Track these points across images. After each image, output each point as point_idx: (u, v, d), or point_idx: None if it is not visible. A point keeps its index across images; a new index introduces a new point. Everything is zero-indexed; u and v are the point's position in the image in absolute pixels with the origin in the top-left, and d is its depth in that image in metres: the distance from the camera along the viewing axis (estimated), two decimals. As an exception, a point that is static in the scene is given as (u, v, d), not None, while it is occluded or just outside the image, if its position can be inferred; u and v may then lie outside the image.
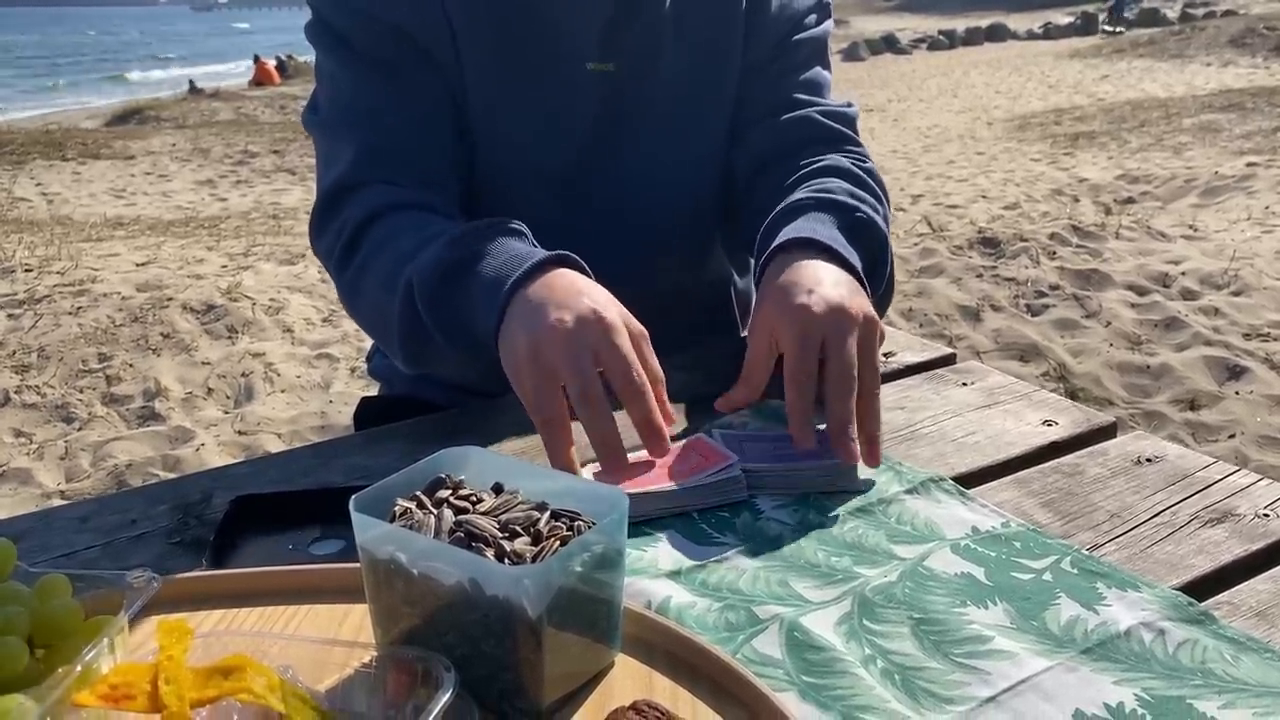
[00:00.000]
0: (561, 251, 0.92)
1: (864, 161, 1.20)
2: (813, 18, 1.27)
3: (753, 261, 1.02)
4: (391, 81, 1.12)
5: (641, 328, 0.87)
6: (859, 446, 0.86)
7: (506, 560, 0.59)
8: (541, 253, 0.92)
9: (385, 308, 1.00)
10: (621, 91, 1.19)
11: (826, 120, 1.23)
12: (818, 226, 1.02)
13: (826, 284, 0.92)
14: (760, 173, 1.22)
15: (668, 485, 0.83)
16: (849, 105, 1.27)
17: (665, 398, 0.86)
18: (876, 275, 1.06)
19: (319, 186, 1.14)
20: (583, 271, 0.92)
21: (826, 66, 1.30)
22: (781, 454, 0.89)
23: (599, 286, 0.89)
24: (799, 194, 1.10)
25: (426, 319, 0.96)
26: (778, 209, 1.08)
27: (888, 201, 1.18)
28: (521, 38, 1.14)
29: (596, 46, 1.16)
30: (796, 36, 1.25)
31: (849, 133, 1.24)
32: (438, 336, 0.96)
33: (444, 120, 1.14)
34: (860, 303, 0.92)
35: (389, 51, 1.12)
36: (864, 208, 1.07)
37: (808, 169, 1.17)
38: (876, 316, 0.92)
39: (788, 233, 1.01)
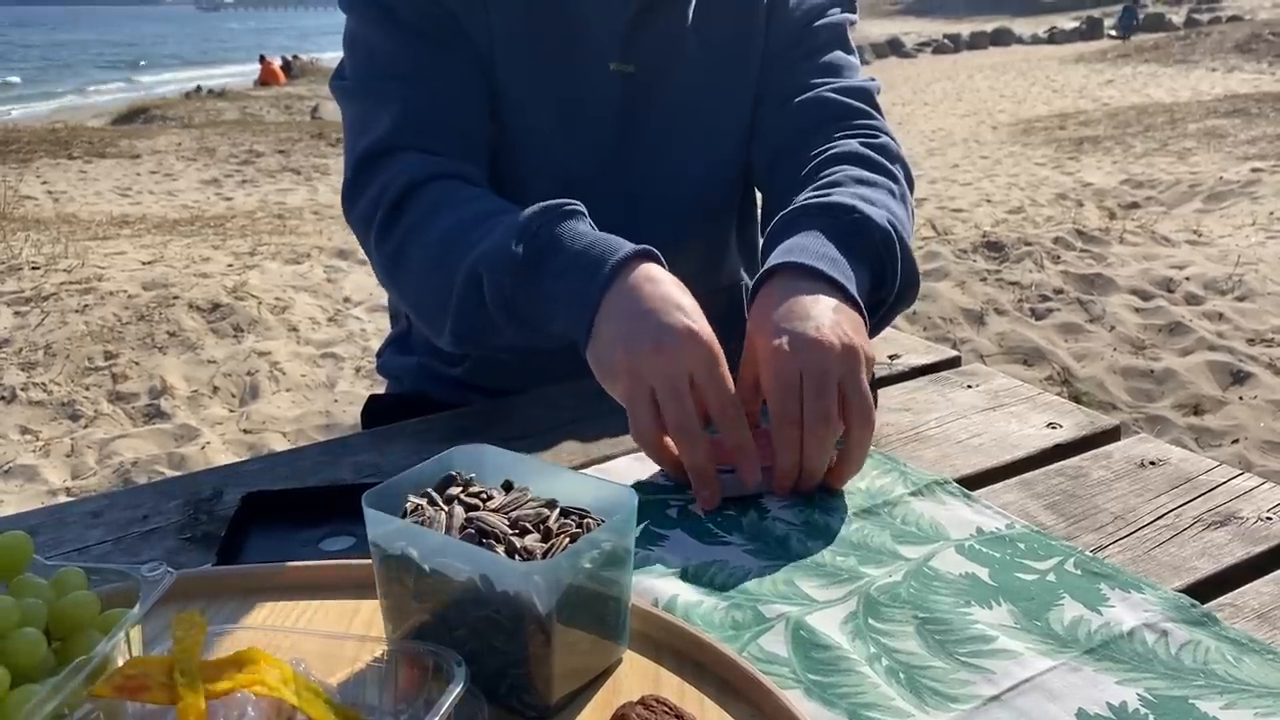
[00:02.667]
0: (643, 246, 0.92)
1: (876, 138, 1.16)
2: (836, 8, 1.27)
3: (751, 290, 1.00)
4: (432, 51, 1.12)
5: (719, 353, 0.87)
6: (815, 485, 0.87)
7: (517, 557, 0.60)
8: (624, 247, 0.92)
9: (438, 287, 0.99)
10: (641, 93, 1.19)
11: (840, 97, 1.20)
12: (808, 243, 0.98)
13: (809, 318, 0.89)
14: (777, 163, 1.21)
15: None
16: (870, 80, 1.24)
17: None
18: (888, 273, 1.02)
19: (350, 152, 1.12)
20: (660, 264, 0.92)
21: (849, 52, 1.27)
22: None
23: (684, 290, 0.89)
24: (803, 196, 1.08)
25: (496, 311, 0.95)
26: (775, 220, 1.06)
27: (904, 177, 1.14)
28: (551, 33, 1.15)
29: (619, 47, 1.16)
30: (816, 24, 1.25)
31: (864, 107, 1.20)
32: (506, 326, 0.96)
33: (479, 96, 1.14)
34: (839, 334, 0.87)
35: (430, 24, 1.12)
36: (862, 205, 1.02)
37: (818, 159, 1.14)
38: (859, 343, 0.88)
39: (776, 256, 0.98)
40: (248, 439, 3.43)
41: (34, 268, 5.08)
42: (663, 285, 0.89)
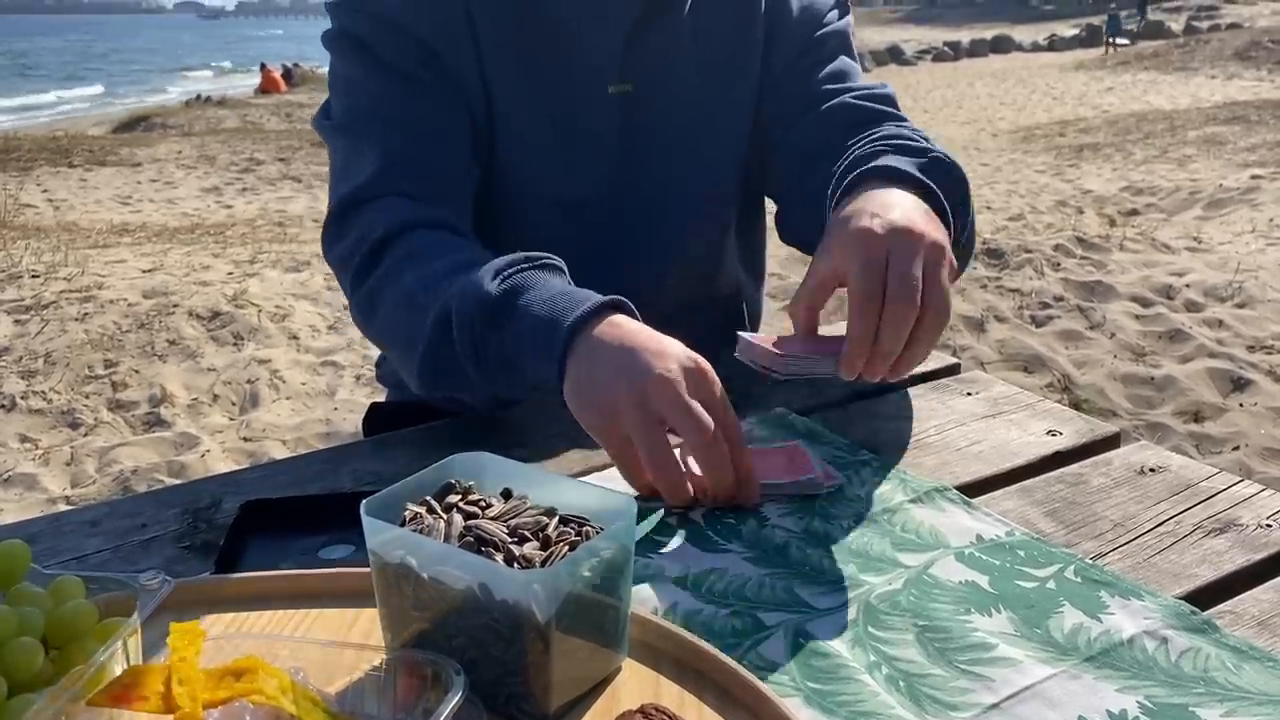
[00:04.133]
0: (614, 296, 0.90)
1: (915, 130, 1.16)
2: (834, 13, 1.27)
3: (829, 204, 0.97)
4: (414, 93, 1.11)
5: (705, 363, 0.85)
6: (886, 368, 0.84)
7: (516, 565, 0.60)
8: (596, 297, 0.89)
9: (409, 329, 0.98)
10: (640, 112, 1.19)
11: (864, 102, 1.20)
12: (893, 160, 0.98)
13: (895, 209, 0.88)
14: (808, 166, 1.19)
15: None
16: (883, 85, 1.25)
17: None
18: (960, 215, 1.01)
19: (334, 193, 1.12)
20: (634, 316, 0.90)
21: (853, 56, 1.28)
22: (777, 469, 0.90)
23: (653, 334, 0.87)
24: (865, 147, 1.06)
25: (463, 353, 0.93)
26: (845, 160, 1.04)
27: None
28: (546, 62, 1.15)
29: (616, 67, 1.16)
30: (820, 33, 1.25)
31: (890, 110, 1.21)
32: (470, 370, 0.94)
33: (463, 138, 1.14)
34: (929, 227, 0.87)
35: (413, 64, 1.11)
36: (937, 149, 1.03)
37: (856, 146, 1.12)
38: (946, 243, 0.87)
39: (862, 168, 0.97)
40: (248, 447, 3.43)
41: (34, 276, 5.09)
42: (629, 329, 0.86)
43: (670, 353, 0.83)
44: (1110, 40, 26.42)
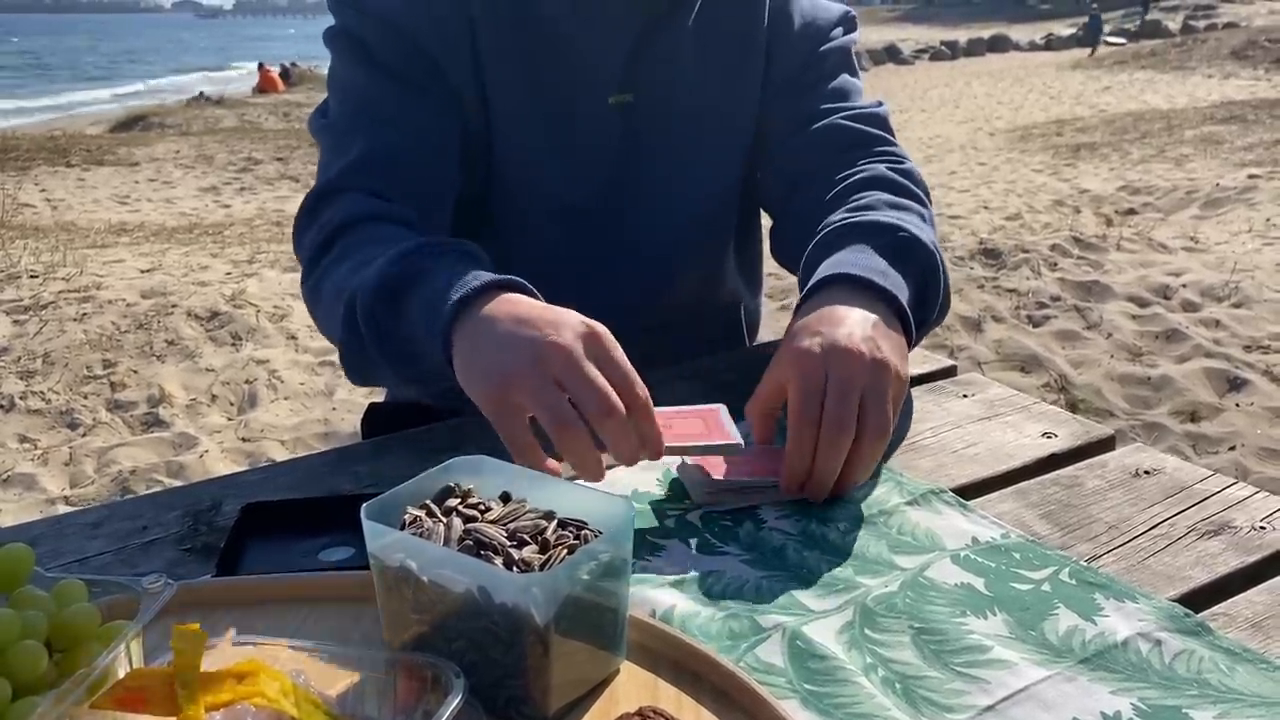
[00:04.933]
0: (509, 276, 0.89)
1: (901, 163, 1.17)
2: (839, 30, 1.27)
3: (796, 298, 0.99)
4: (406, 96, 1.12)
5: (602, 328, 0.82)
6: (824, 491, 0.86)
7: (515, 568, 0.61)
8: (486, 276, 0.88)
9: (336, 319, 0.98)
10: (640, 123, 1.19)
11: (855, 124, 1.20)
12: (856, 258, 0.98)
13: (841, 326, 0.88)
14: (796, 188, 1.20)
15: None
16: (878, 105, 1.25)
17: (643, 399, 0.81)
18: (930, 293, 1.02)
19: (311, 189, 1.13)
20: (531, 295, 0.88)
21: (854, 74, 1.28)
22: (692, 432, 0.89)
23: (547, 306, 0.85)
24: (838, 216, 1.07)
25: (367, 337, 0.93)
26: (817, 238, 1.05)
27: (930, 201, 1.15)
28: (547, 73, 1.15)
29: (618, 78, 1.16)
30: (822, 48, 1.25)
31: (880, 133, 1.21)
32: (375, 355, 0.93)
33: (450, 145, 1.14)
34: (873, 347, 0.87)
35: (409, 67, 1.12)
36: (907, 225, 1.02)
37: (845, 182, 1.13)
38: (893, 361, 0.87)
39: (824, 269, 0.97)
40: (246, 447, 3.44)
41: (32, 276, 5.09)
42: (520, 303, 0.85)
43: (564, 321, 0.81)
44: (1095, 43, 25.91)
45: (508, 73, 1.14)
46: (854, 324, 0.89)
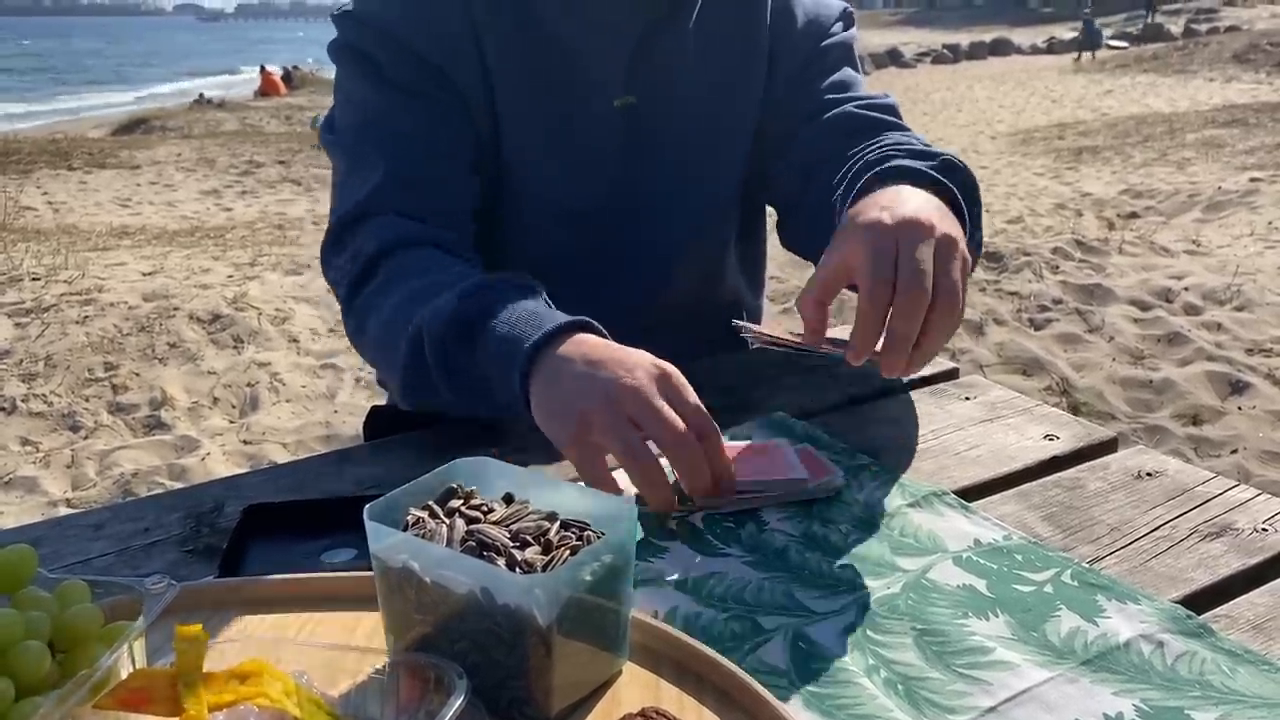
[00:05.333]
0: (581, 317, 0.90)
1: (922, 138, 1.16)
2: (839, 25, 1.28)
3: (842, 206, 0.96)
4: (417, 108, 1.11)
5: (672, 368, 0.84)
6: (903, 357, 0.82)
7: (518, 569, 0.61)
8: (561, 317, 0.89)
9: (391, 348, 0.99)
10: (643, 124, 1.19)
11: (867, 111, 1.20)
12: (906, 161, 0.98)
13: (906, 204, 0.87)
14: (810, 178, 1.19)
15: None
16: (885, 95, 1.25)
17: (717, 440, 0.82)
18: (974, 208, 1.01)
19: (334, 210, 1.12)
20: (600, 335, 0.89)
21: (856, 68, 1.28)
22: (759, 468, 0.90)
23: (619, 346, 0.86)
24: (874, 152, 1.06)
25: (435, 373, 0.94)
26: (855, 166, 1.03)
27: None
28: (552, 76, 1.15)
29: (621, 81, 1.16)
30: (824, 44, 1.26)
31: (892, 119, 1.20)
32: (444, 390, 0.95)
33: (465, 153, 1.14)
34: (941, 221, 0.85)
35: (416, 79, 1.11)
36: (947, 153, 1.03)
37: (864, 155, 1.11)
38: (959, 236, 0.86)
39: (875, 171, 0.97)
40: (248, 450, 3.44)
41: (34, 279, 5.09)
42: (593, 345, 0.86)
43: (637, 362, 0.83)
44: (1087, 50, 25.37)
45: (511, 77, 1.14)
46: (920, 203, 0.88)
